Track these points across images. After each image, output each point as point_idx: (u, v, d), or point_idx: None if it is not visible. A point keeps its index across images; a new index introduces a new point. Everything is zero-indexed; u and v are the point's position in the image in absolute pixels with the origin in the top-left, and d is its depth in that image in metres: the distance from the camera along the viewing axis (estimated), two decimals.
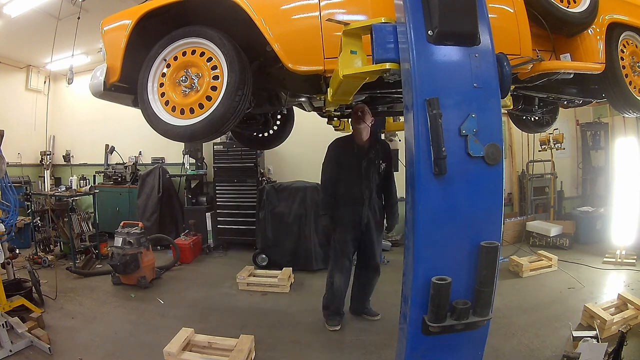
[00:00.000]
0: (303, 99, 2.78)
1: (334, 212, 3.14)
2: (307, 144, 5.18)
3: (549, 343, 2.83)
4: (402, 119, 4.10)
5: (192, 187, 6.00)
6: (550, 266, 4.45)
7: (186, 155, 5.96)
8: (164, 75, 2.04)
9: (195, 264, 5.23)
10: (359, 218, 3.12)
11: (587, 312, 3.09)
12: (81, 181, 5.96)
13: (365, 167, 3.07)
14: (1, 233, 3.13)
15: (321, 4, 1.85)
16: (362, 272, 3.35)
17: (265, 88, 2.47)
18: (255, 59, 2.14)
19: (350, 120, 3.23)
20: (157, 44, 2.05)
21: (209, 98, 1.93)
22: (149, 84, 2.05)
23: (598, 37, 2.14)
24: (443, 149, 1.30)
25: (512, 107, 3.02)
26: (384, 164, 3.15)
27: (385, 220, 3.28)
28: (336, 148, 3.17)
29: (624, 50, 2.32)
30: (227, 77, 1.88)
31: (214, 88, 1.93)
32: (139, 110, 2.13)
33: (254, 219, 5.22)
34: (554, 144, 5.77)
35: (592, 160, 6.26)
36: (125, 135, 6.81)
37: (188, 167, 5.96)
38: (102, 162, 7.07)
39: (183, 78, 1.98)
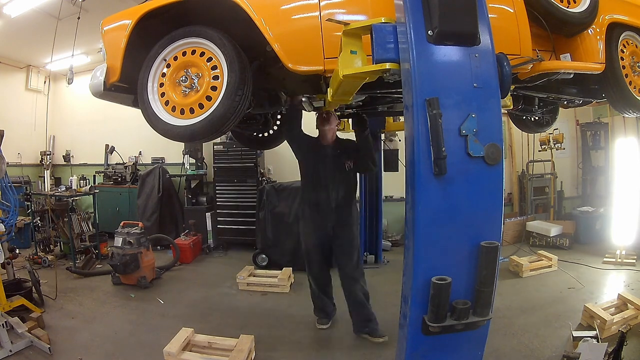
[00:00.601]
0: (303, 99, 2.78)
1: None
2: None
3: (549, 343, 2.83)
4: (402, 119, 4.11)
5: (192, 187, 6.00)
6: (550, 266, 4.44)
7: (186, 155, 5.95)
8: (164, 75, 2.05)
9: (195, 264, 5.23)
10: (323, 222, 3.02)
11: (587, 312, 3.09)
12: (81, 181, 5.96)
13: (330, 169, 2.99)
14: (1, 233, 3.13)
15: (321, 4, 1.85)
16: (343, 282, 3.07)
17: (265, 88, 2.47)
18: (255, 59, 2.14)
19: (316, 122, 3.12)
20: (157, 44, 2.05)
21: (209, 98, 1.93)
22: (149, 84, 2.05)
23: (598, 37, 2.14)
24: (443, 149, 1.30)
25: (512, 107, 3.02)
26: (350, 162, 3.02)
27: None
28: (305, 136, 3.10)
29: (624, 50, 2.33)
30: (227, 77, 1.88)
31: (214, 88, 1.93)
32: (139, 110, 2.13)
33: (254, 219, 5.21)
34: (554, 144, 5.77)
35: (592, 160, 6.26)
36: (125, 135, 6.81)
37: (188, 167, 5.96)
38: (102, 162, 7.07)
39: (183, 78, 1.98)
